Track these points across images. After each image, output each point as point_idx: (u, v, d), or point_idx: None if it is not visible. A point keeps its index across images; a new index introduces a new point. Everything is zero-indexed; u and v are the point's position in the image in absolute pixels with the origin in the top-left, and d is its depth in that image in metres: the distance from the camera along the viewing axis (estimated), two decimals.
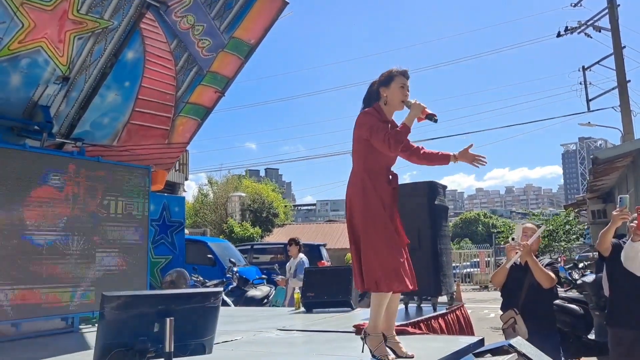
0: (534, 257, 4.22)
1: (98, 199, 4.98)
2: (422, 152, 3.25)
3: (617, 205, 4.14)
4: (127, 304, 1.98)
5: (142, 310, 2.02)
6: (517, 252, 4.33)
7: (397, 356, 3.03)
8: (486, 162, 3.21)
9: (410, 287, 3.03)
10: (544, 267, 4.27)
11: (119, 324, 1.99)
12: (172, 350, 2.06)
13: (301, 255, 7.96)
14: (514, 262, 4.40)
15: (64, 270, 4.64)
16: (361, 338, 3.12)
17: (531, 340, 4.12)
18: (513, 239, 4.60)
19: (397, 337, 3.13)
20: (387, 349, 3.01)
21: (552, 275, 4.22)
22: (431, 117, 3.06)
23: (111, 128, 5.40)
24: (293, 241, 8.04)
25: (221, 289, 2.41)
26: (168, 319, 2.04)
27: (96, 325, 4.90)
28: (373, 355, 2.96)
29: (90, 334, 4.63)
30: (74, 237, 4.74)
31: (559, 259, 17.36)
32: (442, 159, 3.25)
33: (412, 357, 3.02)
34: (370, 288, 3.04)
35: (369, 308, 3.15)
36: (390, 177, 3.18)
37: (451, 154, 3.23)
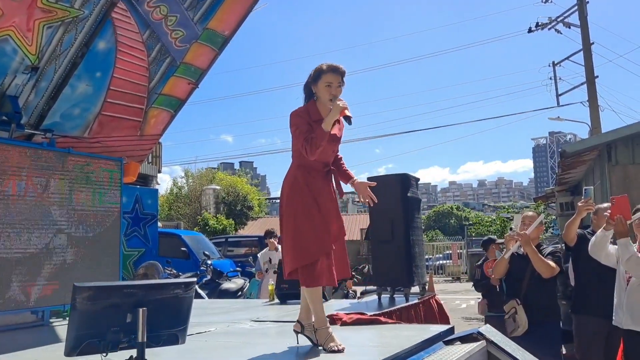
0: (533, 247, 4.19)
1: (68, 191, 4.90)
2: (337, 160, 3.28)
3: (582, 197, 4.26)
4: (98, 294, 1.98)
5: (114, 301, 2.01)
6: (516, 242, 4.34)
7: (314, 345, 3.10)
8: (373, 203, 3.22)
9: (324, 284, 3.05)
10: (546, 256, 4.26)
11: (91, 314, 1.98)
12: (145, 340, 2.07)
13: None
14: (517, 252, 4.39)
15: (33, 263, 4.56)
16: (294, 331, 3.18)
17: (532, 331, 4.18)
18: (511, 228, 4.64)
19: (314, 325, 3.18)
20: (335, 337, 3.03)
21: (552, 264, 4.19)
22: (347, 119, 3.04)
23: (82, 119, 5.31)
24: (271, 234, 7.95)
25: (194, 279, 2.42)
26: (140, 310, 2.04)
27: (67, 318, 4.85)
28: (324, 348, 3.00)
29: (61, 327, 4.57)
30: (43, 229, 4.66)
31: None
32: (344, 176, 3.27)
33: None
34: (289, 277, 3.13)
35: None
36: (327, 171, 3.17)
37: (354, 179, 3.25)
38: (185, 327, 2.28)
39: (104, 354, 2.05)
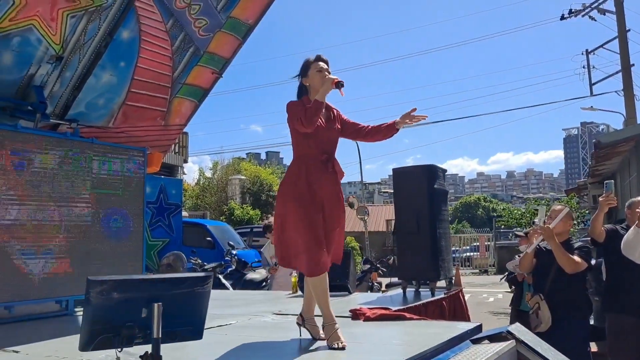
0: (556, 241, 4.05)
1: (92, 181, 4.91)
2: (365, 130, 3.33)
3: (604, 191, 4.09)
4: (113, 288, 1.93)
5: (129, 295, 1.96)
6: (539, 236, 4.22)
7: (313, 339, 3.14)
8: (425, 117, 3.29)
9: (320, 271, 3.07)
10: (573, 250, 4.13)
11: (105, 309, 1.93)
12: (160, 336, 2.01)
13: None
14: (543, 247, 4.29)
15: (56, 253, 4.58)
16: (297, 324, 3.24)
17: (557, 328, 4.05)
18: (534, 222, 4.52)
19: (315, 320, 3.21)
20: (340, 335, 3.03)
21: (577, 259, 4.05)
22: (339, 85, 3.13)
23: (107, 109, 5.31)
24: (271, 227, 7.35)
25: (211, 273, 2.36)
26: (156, 304, 1.98)
27: None
28: (329, 346, 3.00)
29: None
30: (67, 219, 4.68)
31: None
32: (387, 130, 3.30)
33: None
34: (287, 266, 3.34)
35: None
36: (327, 160, 3.18)
37: (395, 121, 3.28)
38: (202, 322, 2.22)
39: (119, 349, 2.00)
